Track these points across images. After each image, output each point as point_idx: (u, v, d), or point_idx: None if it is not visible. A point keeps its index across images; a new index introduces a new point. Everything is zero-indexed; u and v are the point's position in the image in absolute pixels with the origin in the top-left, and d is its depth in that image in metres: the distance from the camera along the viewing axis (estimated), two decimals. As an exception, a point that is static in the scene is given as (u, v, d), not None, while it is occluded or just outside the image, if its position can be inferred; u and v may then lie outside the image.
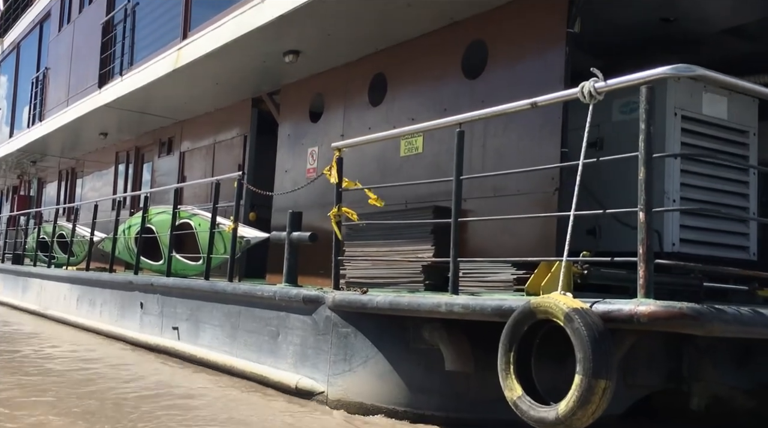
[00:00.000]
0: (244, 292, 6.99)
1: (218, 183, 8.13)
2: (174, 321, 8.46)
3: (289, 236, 6.67)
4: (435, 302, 4.73)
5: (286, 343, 6.38)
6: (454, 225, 4.78)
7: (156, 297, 8.99)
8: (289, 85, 9.33)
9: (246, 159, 10.07)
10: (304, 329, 6.15)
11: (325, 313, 5.91)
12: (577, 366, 3.48)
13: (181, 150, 12.17)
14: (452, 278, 4.76)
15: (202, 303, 7.89)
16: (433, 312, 4.77)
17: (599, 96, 3.93)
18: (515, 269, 5.54)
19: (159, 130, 12.98)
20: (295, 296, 6.18)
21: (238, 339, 7.13)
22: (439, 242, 6.40)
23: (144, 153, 13.92)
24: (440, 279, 6.29)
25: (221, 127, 10.96)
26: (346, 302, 5.59)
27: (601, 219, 6.26)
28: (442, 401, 5.21)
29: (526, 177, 5.81)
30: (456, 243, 4.77)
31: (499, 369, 3.91)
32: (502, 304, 4.24)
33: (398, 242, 6.74)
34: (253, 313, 6.92)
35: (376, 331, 5.52)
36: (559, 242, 5.52)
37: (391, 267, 6.71)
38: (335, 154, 6.03)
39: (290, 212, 6.78)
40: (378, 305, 5.24)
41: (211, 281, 7.80)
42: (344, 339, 5.70)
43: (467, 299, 4.52)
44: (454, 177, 4.82)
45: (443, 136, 6.80)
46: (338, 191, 5.95)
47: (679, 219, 6.08)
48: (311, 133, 8.84)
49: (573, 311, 3.53)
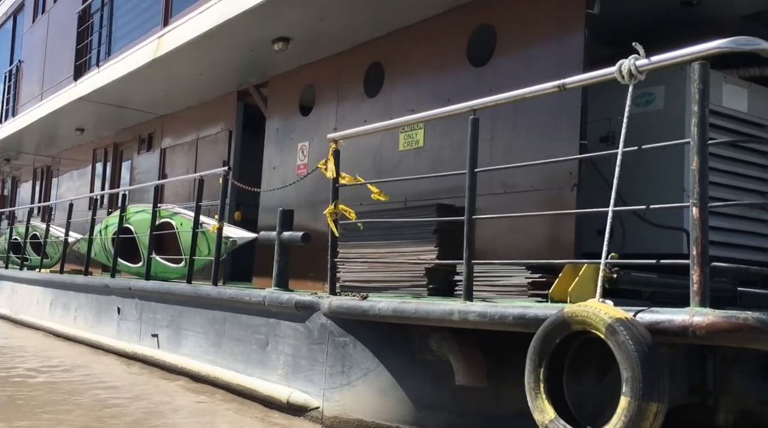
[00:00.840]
0: (230, 297, 6.44)
1: (201, 180, 7.58)
2: (153, 327, 7.89)
3: (279, 236, 6.14)
4: (446, 309, 4.23)
5: (276, 353, 5.84)
6: (468, 223, 4.29)
7: (134, 302, 8.41)
8: (277, 77, 8.80)
9: (231, 155, 9.52)
10: (296, 337, 5.62)
11: (320, 320, 5.39)
12: (623, 386, 3.00)
13: (162, 147, 11.58)
14: (466, 282, 4.26)
15: (183, 309, 7.33)
16: (444, 321, 4.27)
17: (640, 75, 3.46)
18: (529, 273, 5.07)
19: (138, 125, 12.38)
20: (287, 301, 5.65)
21: (223, 347, 6.58)
22: (444, 242, 5.92)
23: (123, 150, 13.30)
24: (445, 283, 5.81)
25: (205, 122, 10.40)
26: (345, 308, 5.08)
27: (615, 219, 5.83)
28: (451, 418, 4.71)
29: (540, 173, 5.34)
30: (470, 243, 4.27)
31: (527, 387, 3.42)
32: (526, 312, 3.75)
33: (397, 243, 6.23)
34: (239, 320, 6.38)
35: (378, 341, 5.01)
36: (578, 243, 5.07)
37: (389, 270, 6.21)
38: (331, 146, 5.51)
39: (281, 210, 6.26)
40: (380, 312, 4.73)
41: (194, 285, 7.24)
42: (342, 350, 5.18)
43: (484, 306, 4.03)
44: (467, 169, 4.33)
45: (446, 128, 6.32)
46: (335, 186, 5.43)
47: (698, 220, 5.66)
48: (301, 127, 8.32)
49: (617, 323, 3.05)
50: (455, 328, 4.43)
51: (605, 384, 4.27)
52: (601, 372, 4.47)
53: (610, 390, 4.31)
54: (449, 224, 6.02)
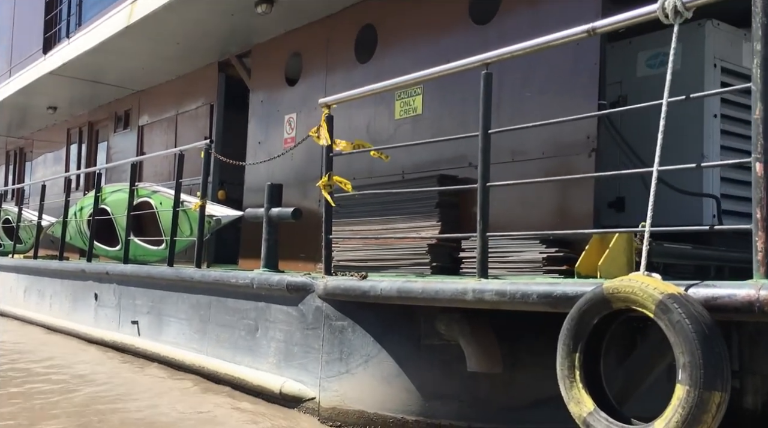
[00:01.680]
0: (215, 279, 5.95)
1: (182, 155, 7.04)
2: (133, 314, 7.38)
3: (267, 213, 5.64)
4: (459, 288, 3.78)
5: (266, 339, 5.37)
6: (482, 191, 3.82)
7: (112, 287, 7.88)
8: (261, 45, 8.24)
9: (213, 131, 8.98)
10: (288, 322, 5.16)
11: (314, 303, 4.93)
12: (679, 373, 2.57)
13: (139, 124, 10.99)
14: (480, 257, 3.80)
15: (165, 294, 6.82)
16: (456, 301, 3.81)
17: (687, 12, 2.99)
18: (544, 247, 4.63)
19: (114, 102, 11.77)
20: (278, 283, 5.17)
21: (208, 334, 6.10)
22: (447, 217, 5.47)
23: (99, 129, 12.68)
24: (449, 261, 5.37)
25: (184, 96, 9.83)
26: (342, 289, 4.61)
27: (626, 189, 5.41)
28: (461, 408, 4.28)
29: (553, 138, 4.89)
30: (485, 214, 3.81)
31: (559, 375, 2.98)
32: (553, 290, 3.31)
33: (395, 219, 5.78)
34: (225, 304, 5.89)
35: (379, 324, 4.56)
36: (597, 215, 4.63)
37: (387, 248, 5.75)
38: (323, 112, 5.01)
39: (269, 185, 5.75)
40: (383, 292, 4.27)
41: (176, 268, 6.73)
42: (339, 334, 4.73)
43: (502, 284, 3.58)
44: (480, 131, 3.86)
45: (447, 94, 5.84)
46: (329, 155, 4.94)
47: (720, 187, 5.25)
48: (288, 98, 7.79)
49: (670, 299, 2.61)
50: (466, 309, 3.99)
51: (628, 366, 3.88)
52: (623, 353, 4.08)
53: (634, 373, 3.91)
54: (452, 197, 5.57)
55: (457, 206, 5.58)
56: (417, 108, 6.07)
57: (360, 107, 6.60)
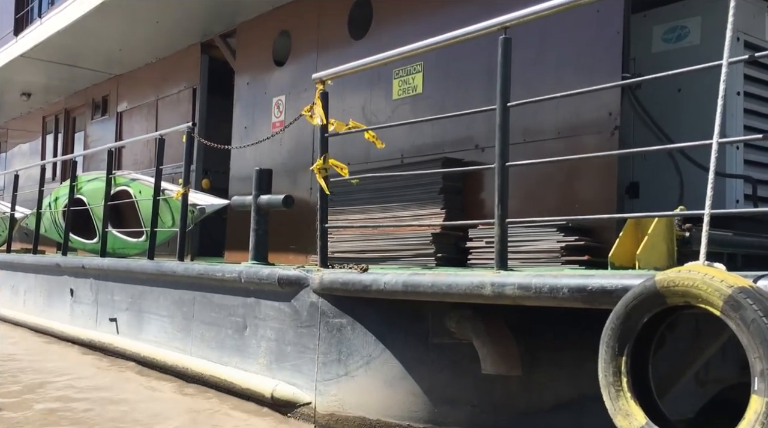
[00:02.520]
0: (200, 273, 5.47)
1: (162, 139, 6.54)
2: (111, 310, 6.89)
3: (256, 201, 5.18)
4: (475, 281, 3.35)
5: (256, 338, 4.92)
6: (501, 171, 3.39)
7: (89, 282, 7.38)
8: (247, 24, 7.74)
9: (196, 116, 8.46)
10: (280, 319, 4.71)
11: (309, 298, 4.48)
12: (755, 381, 2.16)
13: (117, 110, 10.44)
14: (499, 246, 3.37)
15: (145, 289, 6.34)
16: (472, 296, 3.38)
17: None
18: (562, 235, 4.21)
19: (92, 88, 11.19)
20: (268, 277, 4.72)
21: (192, 332, 5.63)
22: (451, 204, 5.04)
23: (75, 117, 12.10)
24: (455, 251, 4.94)
25: (165, 80, 9.29)
26: (340, 283, 4.17)
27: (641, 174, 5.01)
28: (474, 414, 3.87)
29: (570, 115, 4.46)
30: (503, 197, 3.38)
31: (602, 383, 2.56)
32: (588, 283, 2.89)
33: (394, 207, 5.34)
34: (211, 300, 5.43)
35: (382, 322, 4.13)
36: (621, 201, 4.22)
37: (386, 238, 5.31)
38: (318, 88, 4.55)
39: (257, 170, 5.29)
40: (386, 287, 3.83)
41: (157, 261, 6.25)
42: (337, 333, 4.28)
43: (526, 276, 3.15)
44: (497, 104, 3.41)
45: (449, 71, 5.39)
46: (324, 136, 4.48)
47: (743, 170, 4.87)
48: (276, 79, 7.30)
49: (741, 294, 2.20)
50: (479, 305, 3.57)
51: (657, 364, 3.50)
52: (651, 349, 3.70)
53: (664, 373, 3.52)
54: (457, 182, 5.14)
55: (461, 192, 5.15)
56: (417, 87, 5.62)
57: (354, 88, 6.14)
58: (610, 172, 4.20)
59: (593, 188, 4.36)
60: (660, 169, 4.47)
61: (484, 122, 5.06)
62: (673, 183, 4.62)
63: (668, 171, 4.24)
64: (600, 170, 4.26)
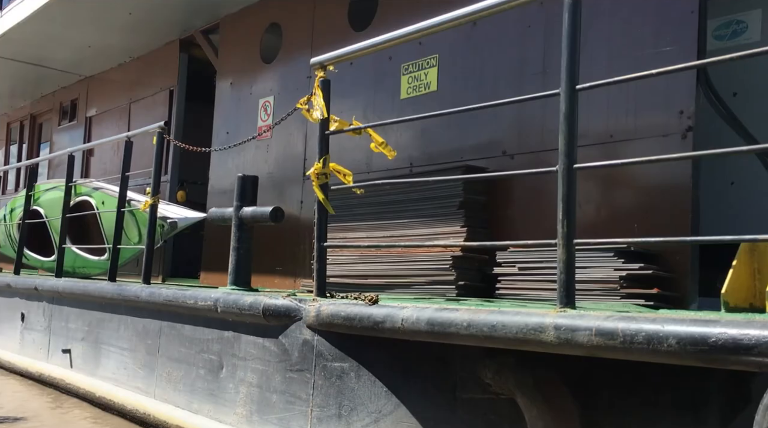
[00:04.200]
0: (167, 300, 4.56)
1: (129, 142, 5.64)
2: (65, 340, 5.93)
3: (238, 213, 4.30)
4: (532, 322, 2.49)
5: (234, 382, 4.01)
6: (567, 174, 2.54)
7: (42, 306, 6.42)
8: (231, 17, 6.92)
9: (173, 119, 7.58)
10: (265, 360, 3.81)
11: (301, 335, 3.59)
12: None
13: (86, 115, 9.52)
14: (565, 276, 2.51)
15: (104, 316, 5.41)
16: (527, 342, 2.52)
17: None
18: (621, 262, 3.38)
19: (60, 91, 10.28)
20: (250, 306, 3.82)
21: (157, 371, 4.70)
22: (474, 221, 4.20)
23: (42, 123, 11.14)
24: (479, 279, 4.09)
25: (139, 81, 8.42)
26: (343, 318, 3.28)
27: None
28: (515, 490, 2.98)
29: (627, 114, 3.66)
30: (570, 210, 2.53)
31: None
32: (709, 333, 2.03)
33: (404, 224, 4.49)
34: (181, 332, 4.52)
35: (396, 368, 3.25)
36: (696, 218, 3.39)
37: (393, 261, 4.45)
38: (318, 75, 3.71)
39: (241, 177, 4.41)
40: (405, 324, 2.96)
41: (118, 284, 5.32)
42: (338, 381, 3.39)
43: (609, 319, 2.30)
44: (562, 87, 2.58)
45: (469, 65, 4.59)
46: (324, 133, 3.62)
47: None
48: (264, 78, 6.47)
49: None
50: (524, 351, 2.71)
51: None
52: (725, 411, 2.87)
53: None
54: (480, 195, 4.31)
55: (485, 207, 4.32)
56: (430, 83, 4.80)
57: (354, 87, 5.32)
58: (684, 180, 3.38)
59: (654, 204, 3.54)
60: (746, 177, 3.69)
61: (513, 124, 4.25)
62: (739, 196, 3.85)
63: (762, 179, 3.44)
64: (669, 181, 3.45)
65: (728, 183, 4.04)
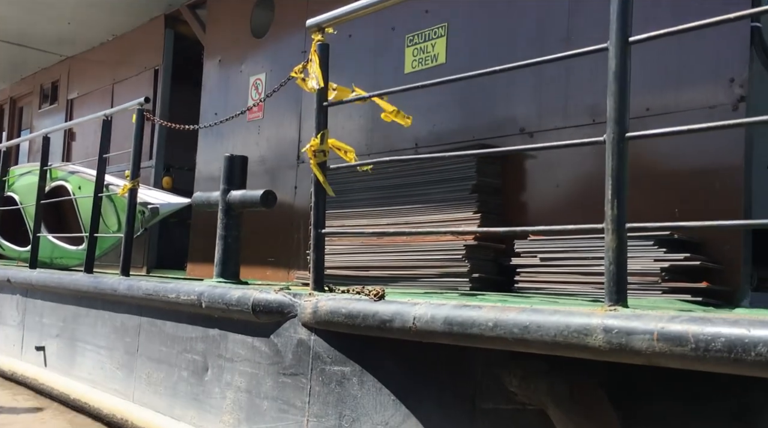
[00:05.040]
0: (147, 294, 4.11)
1: (108, 120, 5.17)
2: (39, 336, 5.48)
3: (226, 197, 3.86)
4: (575, 323, 2.07)
5: (220, 385, 3.58)
6: (617, 146, 2.11)
7: (15, 300, 5.96)
8: (220, -11, 6.44)
9: (158, 99, 7.11)
10: (254, 362, 3.38)
11: (296, 334, 3.16)
12: None
13: (68, 98, 9.02)
14: (615, 268, 2.08)
15: (80, 311, 4.96)
16: (569, 347, 2.10)
17: None
18: (664, 251, 2.96)
19: (40, 73, 9.78)
20: (239, 301, 3.39)
21: (136, 371, 4.26)
22: (488, 206, 3.77)
23: (23, 107, 10.63)
24: (495, 271, 3.67)
25: (122, 60, 7.93)
26: (344, 315, 2.85)
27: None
28: None
29: (665, 85, 3.23)
30: (620, 189, 2.10)
31: None
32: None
33: (408, 211, 4.06)
34: (162, 329, 4.08)
35: (405, 374, 2.82)
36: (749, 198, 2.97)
37: (397, 251, 4.02)
38: (314, 38, 3.27)
39: (228, 157, 3.97)
40: (418, 323, 2.53)
41: (95, 276, 4.87)
42: (337, 387, 2.97)
43: (675, 320, 1.87)
44: (612, 39, 2.14)
45: (484, 33, 4.15)
46: (322, 104, 3.18)
47: None
48: (255, 53, 6.00)
49: None
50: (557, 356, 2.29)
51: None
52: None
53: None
54: (495, 178, 3.89)
55: (500, 192, 3.89)
56: (438, 55, 4.35)
57: (354, 61, 4.87)
58: (737, 156, 2.96)
59: (705, 184, 3.11)
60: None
61: (532, 98, 3.82)
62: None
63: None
64: (716, 158, 3.03)
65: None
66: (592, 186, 3.40)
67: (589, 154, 3.47)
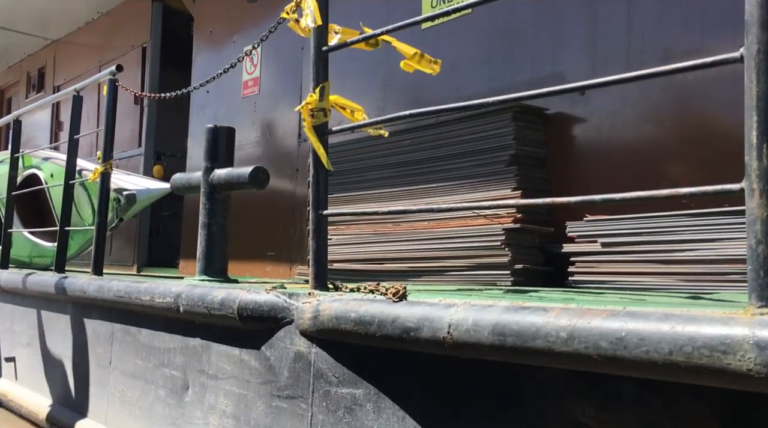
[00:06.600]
0: (118, 295, 3.42)
1: (78, 97, 4.49)
2: (11, 345, 4.83)
3: (208, 177, 3.16)
4: (703, 335, 1.35)
5: (202, 408, 2.88)
6: (761, 63, 1.38)
7: (-14, 304, 5.30)
8: (210, -49, 5.75)
9: (146, 79, 6.45)
10: (242, 379, 2.68)
11: (293, 346, 2.46)
12: None
13: (54, 84, 8.40)
14: (763, 250, 1.37)
15: (50, 316, 4.29)
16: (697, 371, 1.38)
17: None
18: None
19: (27, 60, 9.16)
20: (222, 304, 2.69)
21: (109, 388, 3.58)
22: (530, 181, 3.06)
23: (11, 97, 10.02)
24: (541, 260, 2.96)
25: (109, 40, 7.29)
26: (354, 320, 2.14)
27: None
28: None
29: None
30: None
31: None
32: None
33: (430, 191, 3.35)
34: (136, 338, 3.39)
35: (436, 399, 2.11)
36: None
37: (418, 239, 3.31)
38: (310, -34, 2.55)
39: (210, 128, 3.27)
40: (455, 333, 1.82)
41: (66, 275, 4.19)
42: (347, 415, 2.26)
43: None
44: None
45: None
46: (322, 50, 2.47)
47: None
48: (250, 23, 5.31)
49: None
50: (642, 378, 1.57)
51: None
52: None
53: None
54: (539, 147, 3.17)
55: (543, 163, 3.18)
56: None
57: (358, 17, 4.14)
58: None
59: None
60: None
61: (583, 47, 3.10)
62: None
63: None
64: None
65: None
66: (663, 154, 2.68)
67: (659, 108, 2.76)
